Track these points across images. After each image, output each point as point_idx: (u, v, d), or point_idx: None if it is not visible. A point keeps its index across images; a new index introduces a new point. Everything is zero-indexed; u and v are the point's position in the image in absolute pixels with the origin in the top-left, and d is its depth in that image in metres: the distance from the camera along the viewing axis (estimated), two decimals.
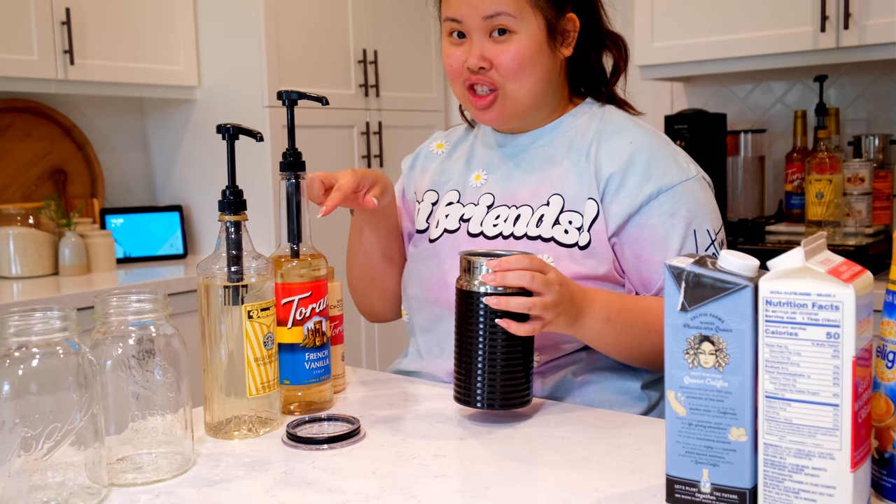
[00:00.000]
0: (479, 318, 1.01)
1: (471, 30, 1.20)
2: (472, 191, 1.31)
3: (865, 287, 0.70)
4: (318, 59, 2.96)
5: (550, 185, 1.23)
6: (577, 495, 0.82)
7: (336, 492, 0.85)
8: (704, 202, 1.20)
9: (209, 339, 1.02)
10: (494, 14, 1.17)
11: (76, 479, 0.82)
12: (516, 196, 1.26)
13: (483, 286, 1.01)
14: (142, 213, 2.97)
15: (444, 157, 1.39)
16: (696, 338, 0.75)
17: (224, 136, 1.05)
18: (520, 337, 1.02)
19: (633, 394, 1.21)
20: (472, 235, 1.27)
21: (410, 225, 1.40)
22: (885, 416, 0.74)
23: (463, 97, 1.26)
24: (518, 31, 1.18)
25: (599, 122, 1.26)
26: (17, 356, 0.79)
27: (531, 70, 1.20)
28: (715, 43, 2.46)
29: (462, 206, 1.30)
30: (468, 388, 1.03)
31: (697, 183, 1.20)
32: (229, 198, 1.03)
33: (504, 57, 1.19)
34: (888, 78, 2.59)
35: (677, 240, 1.17)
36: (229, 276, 1.01)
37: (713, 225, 1.20)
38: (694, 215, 1.18)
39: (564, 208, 1.21)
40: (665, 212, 1.17)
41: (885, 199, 2.45)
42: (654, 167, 1.18)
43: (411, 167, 1.43)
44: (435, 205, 1.35)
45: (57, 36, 2.53)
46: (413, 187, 1.41)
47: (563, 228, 1.20)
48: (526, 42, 1.18)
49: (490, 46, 1.19)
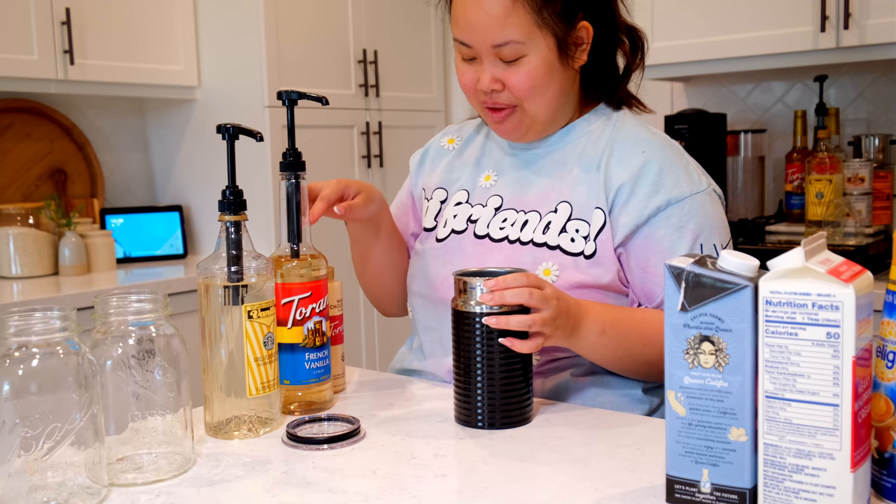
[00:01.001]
0: (477, 338, 1.02)
1: (481, 54, 1.18)
2: (481, 191, 1.30)
3: (865, 287, 0.70)
4: (318, 59, 2.96)
5: (559, 192, 1.23)
6: (577, 495, 0.82)
7: (336, 492, 0.85)
8: (713, 216, 1.19)
9: (209, 339, 1.02)
10: (503, 43, 1.15)
11: (76, 479, 0.82)
12: (524, 200, 1.25)
13: (479, 306, 1.01)
14: (142, 213, 2.97)
15: (454, 154, 1.38)
16: (696, 338, 0.75)
17: (224, 136, 1.05)
18: (518, 355, 1.02)
19: (633, 397, 1.21)
20: (478, 237, 1.26)
21: (416, 224, 1.40)
22: (885, 416, 0.74)
23: (482, 112, 1.26)
24: (528, 54, 1.16)
25: (613, 128, 1.25)
26: (17, 356, 0.79)
27: (544, 90, 1.19)
28: (715, 43, 2.46)
29: (470, 206, 1.30)
30: (469, 409, 1.03)
31: (708, 196, 1.19)
32: (229, 198, 1.03)
33: (515, 79, 1.17)
34: (888, 78, 2.59)
35: (684, 253, 1.16)
36: (229, 276, 1.01)
37: (721, 239, 1.19)
38: (702, 229, 1.17)
39: (572, 216, 1.20)
40: (673, 224, 1.17)
41: (885, 199, 2.45)
42: (665, 178, 1.18)
43: (420, 164, 1.42)
44: (444, 203, 1.34)
45: (57, 36, 2.53)
46: (421, 184, 1.40)
47: (569, 237, 1.19)
48: (536, 64, 1.17)
49: (501, 70, 1.18)
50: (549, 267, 1.18)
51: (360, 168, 3.09)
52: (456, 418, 1.06)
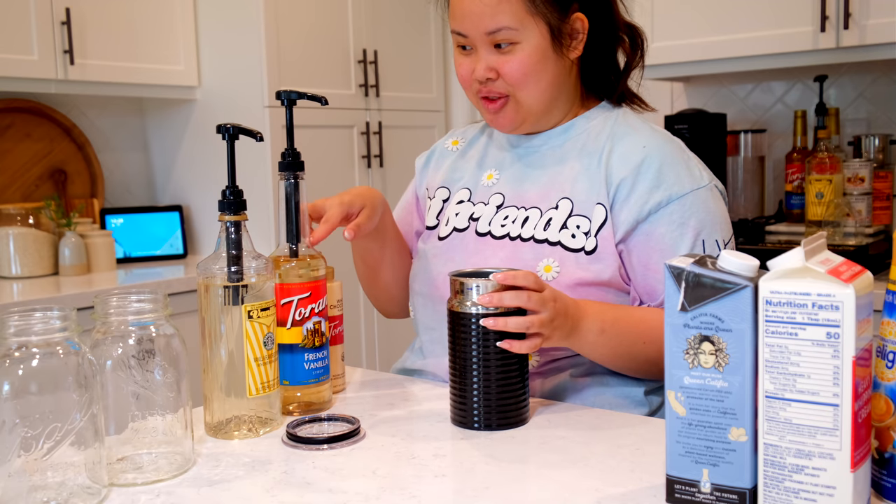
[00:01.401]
0: (473, 339, 1.01)
1: (476, 43, 1.20)
2: (483, 190, 1.31)
3: (865, 287, 0.70)
4: (318, 59, 2.96)
5: (560, 189, 1.23)
6: (577, 495, 0.82)
7: (336, 492, 0.85)
8: (715, 212, 1.19)
9: (209, 339, 1.02)
10: (496, 29, 1.17)
11: (76, 479, 0.82)
12: (525, 197, 1.26)
13: (476, 307, 1.01)
14: (142, 213, 2.97)
15: (458, 155, 1.39)
16: (696, 338, 0.75)
17: (224, 136, 1.05)
18: (514, 356, 1.02)
19: (633, 398, 1.21)
20: (480, 235, 1.27)
21: (420, 224, 1.40)
22: (885, 416, 0.74)
23: (477, 104, 1.27)
24: (521, 42, 1.18)
25: (613, 124, 1.26)
26: (17, 356, 0.79)
27: (537, 78, 1.20)
28: (715, 43, 2.46)
29: (472, 204, 1.30)
30: (465, 410, 1.03)
31: (709, 192, 1.19)
32: (229, 198, 1.03)
33: (508, 67, 1.19)
34: (888, 78, 2.59)
35: (685, 250, 1.16)
36: (229, 276, 1.01)
37: (723, 235, 1.19)
38: (704, 225, 1.17)
39: (573, 212, 1.20)
40: (675, 220, 1.17)
41: (885, 199, 2.45)
42: (666, 174, 1.18)
43: (425, 165, 1.44)
44: (446, 202, 1.35)
45: (57, 36, 2.53)
46: (425, 184, 1.42)
47: (570, 233, 1.19)
48: (529, 52, 1.18)
49: (495, 57, 1.20)
50: (550, 263, 1.18)
51: (360, 168, 3.09)
52: (452, 419, 1.06)
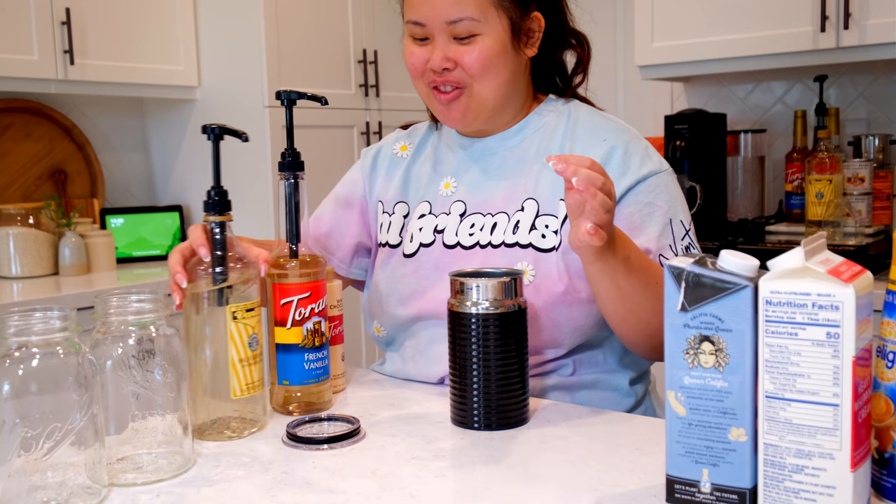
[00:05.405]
0: (473, 338, 1.01)
1: (434, 32, 1.18)
2: (442, 200, 1.28)
3: (865, 287, 0.70)
4: (318, 59, 2.96)
5: (523, 190, 1.22)
6: (577, 495, 0.82)
7: (336, 492, 0.85)
8: (676, 195, 1.21)
9: (193, 341, 1.02)
10: (458, 19, 1.16)
11: (76, 479, 0.82)
12: (490, 204, 1.24)
13: (476, 307, 1.01)
14: (142, 213, 2.97)
15: (409, 162, 1.35)
16: (696, 338, 0.75)
17: (209, 137, 1.05)
18: (514, 356, 1.02)
19: (620, 392, 1.22)
20: (448, 247, 1.24)
21: (366, 234, 1.36)
22: (885, 416, 0.74)
23: (427, 96, 1.24)
24: (482, 33, 1.17)
25: (567, 119, 1.26)
26: (17, 356, 0.79)
27: (496, 71, 1.19)
28: (715, 43, 2.46)
29: (434, 216, 1.28)
30: (465, 410, 1.03)
31: (670, 176, 1.22)
32: (214, 198, 1.03)
33: (468, 57, 1.17)
34: (888, 78, 2.59)
35: (656, 227, 1.16)
36: (214, 277, 1.01)
37: (686, 217, 1.21)
38: (670, 205, 1.19)
39: (539, 212, 1.20)
40: (641, 200, 1.17)
41: (885, 199, 2.45)
42: (630, 160, 1.19)
43: (372, 169, 1.38)
44: (406, 217, 1.31)
45: (57, 36, 2.53)
46: (377, 195, 1.36)
47: (539, 233, 1.19)
48: (490, 43, 1.17)
49: (454, 48, 1.18)
50: (525, 267, 1.17)
51: None
52: (452, 419, 1.05)
